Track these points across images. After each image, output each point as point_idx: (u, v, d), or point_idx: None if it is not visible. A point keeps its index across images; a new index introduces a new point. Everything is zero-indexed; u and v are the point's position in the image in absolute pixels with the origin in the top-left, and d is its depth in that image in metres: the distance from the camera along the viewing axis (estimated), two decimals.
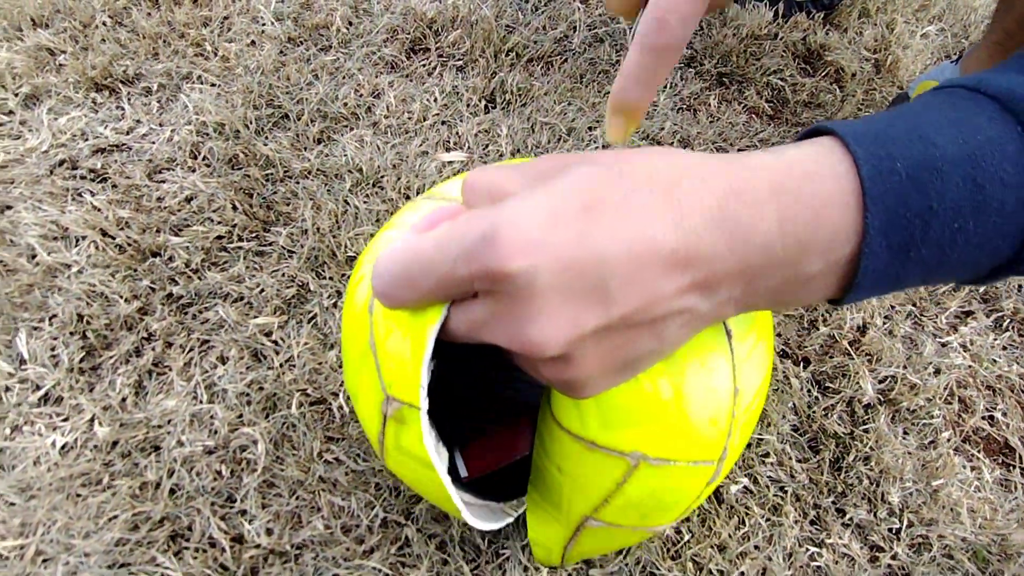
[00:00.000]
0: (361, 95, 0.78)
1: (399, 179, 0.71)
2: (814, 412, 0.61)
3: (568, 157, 0.27)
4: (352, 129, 0.76)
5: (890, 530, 0.57)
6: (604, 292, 0.24)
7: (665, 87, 0.84)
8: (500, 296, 0.25)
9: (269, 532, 0.52)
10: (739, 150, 0.79)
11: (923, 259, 0.25)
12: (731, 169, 0.25)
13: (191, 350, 0.60)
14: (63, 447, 0.55)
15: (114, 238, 0.65)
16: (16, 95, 0.75)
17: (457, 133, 0.76)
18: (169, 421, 0.57)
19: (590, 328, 0.25)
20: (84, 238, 0.65)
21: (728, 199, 0.24)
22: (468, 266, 0.25)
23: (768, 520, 0.56)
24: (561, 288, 0.24)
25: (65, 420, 0.56)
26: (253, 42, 0.82)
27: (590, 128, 0.78)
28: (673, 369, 0.32)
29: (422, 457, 0.33)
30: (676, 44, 0.33)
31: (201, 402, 0.58)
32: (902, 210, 0.24)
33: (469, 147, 0.75)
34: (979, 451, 0.62)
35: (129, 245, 0.65)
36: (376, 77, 0.80)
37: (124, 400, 0.57)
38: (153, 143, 0.72)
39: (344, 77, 0.80)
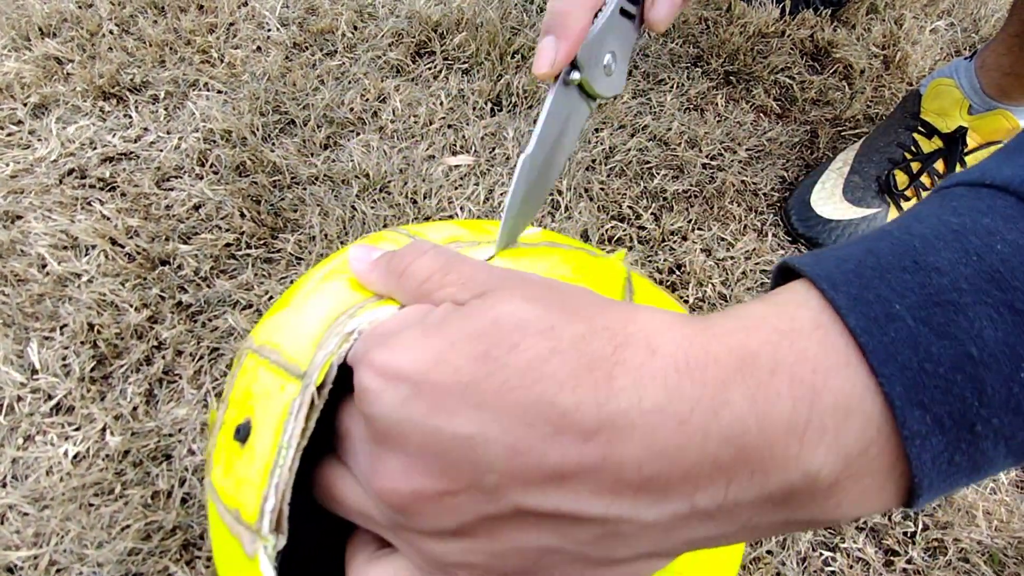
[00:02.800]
0: (367, 100, 0.78)
1: (406, 184, 0.71)
2: None
3: (500, 278, 0.24)
4: (358, 134, 0.76)
5: (905, 534, 0.56)
6: (482, 457, 0.19)
7: (672, 87, 0.83)
8: (364, 422, 0.23)
9: None
10: (747, 150, 0.79)
11: (1002, 430, 0.18)
12: (686, 336, 0.20)
13: (201, 358, 0.60)
14: (75, 456, 0.55)
15: (123, 247, 0.66)
16: (25, 105, 0.75)
17: (464, 136, 0.76)
18: (180, 430, 0.57)
19: (458, 491, 0.20)
20: (94, 247, 0.65)
21: (679, 379, 0.19)
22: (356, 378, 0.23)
23: None
24: (424, 437, 0.20)
25: (77, 429, 0.57)
26: (259, 48, 0.82)
27: (596, 130, 0.78)
28: None
29: None
30: None
31: (211, 410, 0.58)
32: (929, 366, 0.17)
33: (476, 150, 0.75)
34: None
35: (138, 254, 0.65)
36: (382, 81, 0.80)
37: (135, 409, 0.58)
38: (161, 151, 0.73)
39: (350, 82, 0.80)
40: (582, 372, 0.19)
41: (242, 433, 0.26)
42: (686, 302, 0.66)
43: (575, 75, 0.32)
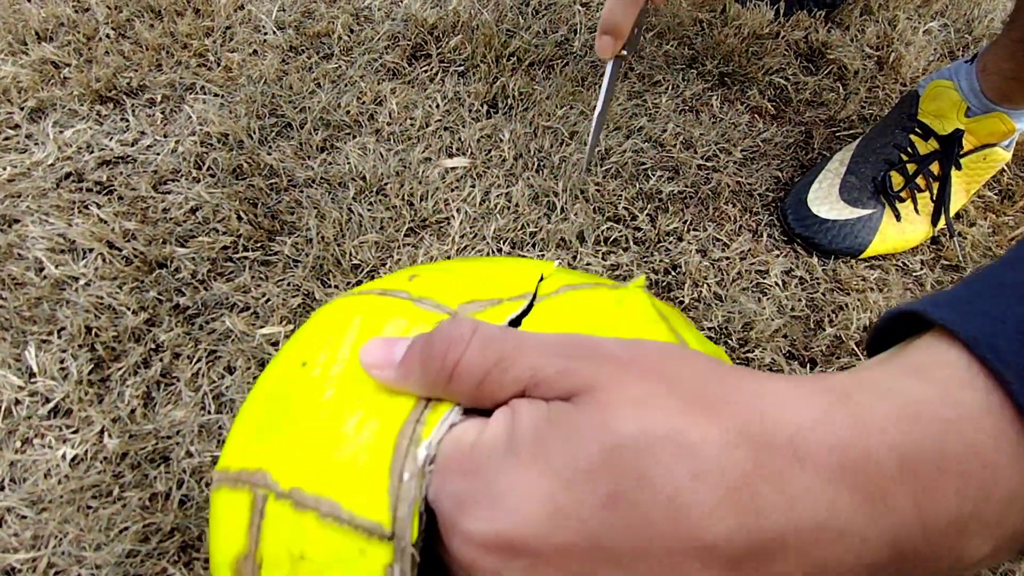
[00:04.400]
0: (363, 102, 0.79)
1: (402, 186, 0.71)
2: None
3: (579, 358, 0.20)
4: (355, 137, 0.76)
5: None
6: None
7: (667, 88, 0.83)
8: None
9: None
10: (742, 151, 0.79)
11: None
12: (836, 433, 0.17)
13: (199, 361, 0.60)
14: (73, 459, 0.55)
15: (121, 250, 0.66)
16: (22, 109, 0.75)
17: (460, 139, 0.76)
18: (178, 432, 0.57)
19: None
20: (91, 250, 0.65)
21: (835, 485, 0.17)
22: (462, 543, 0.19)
23: None
24: None
25: (75, 432, 0.57)
26: (255, 51, 0.82)
27: None
28: None
29: None
30: None
31: (209, 412, 0.58)
32: None
33: (472, 152, 0.75)
34: None
35: (136, 257, 0.65)
36: (378, 84, 0.80)
37: (133, 411, 0.58)
38: (158, 154, 0.73)
39: (346, 85, 0.80)
40: (728, 495, 0.17)
41: None
42: (681, 303, 0.67)
43: (623, 52, 0.55)
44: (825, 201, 0.73)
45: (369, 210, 0.70)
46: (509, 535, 0.17)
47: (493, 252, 0.68)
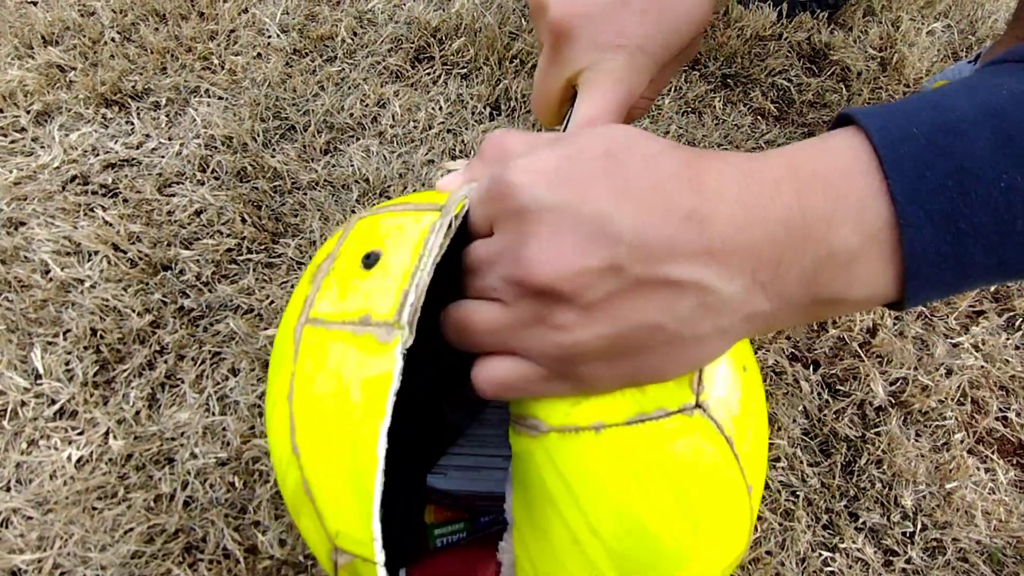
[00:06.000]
0: (367, 105, 0.79)
1: (406, 188, 0.72)
2: (825, 415, 0.61)
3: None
4: (358, 139, 0.76)
5: (904, 534, 0.57)
6: (614, 230, 0.24)
7: (670, 90, 0.83)
8: (510, 221, 0.26)
9: (282, 543, 0.53)
10: (745, 152, 0.79)
11: (980, 230, 0.23)
12: (747, 156, 0.26)
13: (203, 362, 0.61)
14: (79, 461, 0.56)
15: (126, 252, 0.66)
16: (28, 112, 0.76)
17: (463, 141, 0.76)
18: (182, 433, 0.57)
19: (595, 264, 0.24)
20: (96, 253, 0.66)
21: (746, 179, 0.25)
22: (487, 190, 0.27)
23: (780, 525, 0.56)
24: (569, 215, 0.24)
25: (80, 434, 0.57)
26: (259, 54, 0.83)
27: None
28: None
29: None
30: None
31: (213, 414, 0.58)
32: (928, 173, 0.23)
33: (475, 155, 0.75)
34: (993, 452, 0.61)
35: (141, 259, 0.66)
36: (381, 87, 0.81)
37: (138, 413, 0.58)
38: (162, 157, 0.73)
39: (350, 87, 0.80)
40: (681, 167, 0.25)
41: (372, 259, 0.28)
42: None
43: None
44: None
45: None
46: (541, 163, 0.26)
47: None
